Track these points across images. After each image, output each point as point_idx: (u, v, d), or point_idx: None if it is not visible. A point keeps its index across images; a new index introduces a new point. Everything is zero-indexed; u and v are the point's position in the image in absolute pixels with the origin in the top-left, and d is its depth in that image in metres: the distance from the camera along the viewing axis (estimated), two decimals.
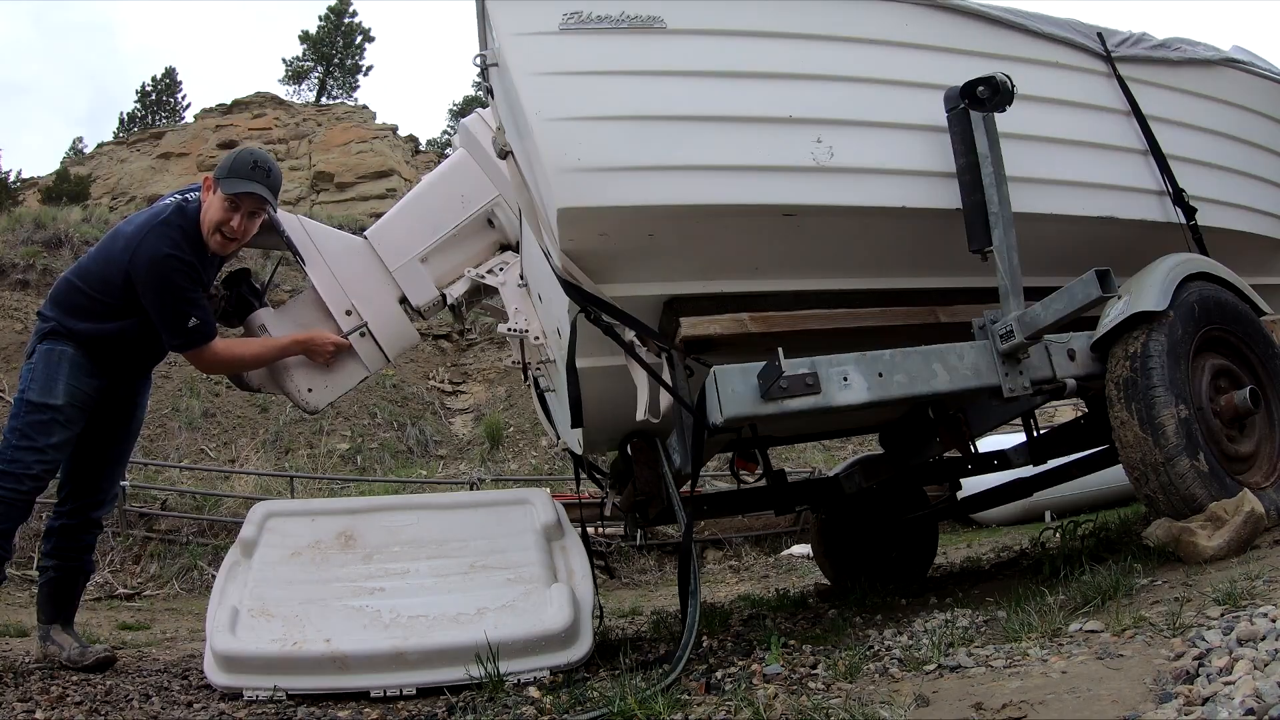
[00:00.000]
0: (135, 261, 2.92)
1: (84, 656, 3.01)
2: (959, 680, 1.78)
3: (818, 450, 10.82)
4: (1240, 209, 3.44)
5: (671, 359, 2.49)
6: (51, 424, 2.91)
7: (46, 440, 2.90)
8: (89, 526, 3.18)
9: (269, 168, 3.15)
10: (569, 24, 2.29)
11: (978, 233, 2.57)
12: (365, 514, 3.24)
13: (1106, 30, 3.19)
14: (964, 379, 2.46)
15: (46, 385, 2.93)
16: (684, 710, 1.87)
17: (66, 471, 3.12)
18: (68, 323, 2.99)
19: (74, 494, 3.15)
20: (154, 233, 2.96)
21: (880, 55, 2.65)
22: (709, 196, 2.37)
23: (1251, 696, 1.28)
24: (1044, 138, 2.87)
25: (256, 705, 2.48)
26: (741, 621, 3.72)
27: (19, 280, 12.05)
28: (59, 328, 3.00)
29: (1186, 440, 2.43)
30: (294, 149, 24.72)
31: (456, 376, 13.86)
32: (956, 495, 4.31)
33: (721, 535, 9.11)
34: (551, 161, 2.25)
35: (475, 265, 3.48)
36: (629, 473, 3.16)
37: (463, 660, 2.53)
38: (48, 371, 2.94)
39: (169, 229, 2.98)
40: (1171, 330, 2.56)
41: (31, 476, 2.87)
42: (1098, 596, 2.21)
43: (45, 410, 2.91)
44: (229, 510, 8.49)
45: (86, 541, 3.20)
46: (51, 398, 2.92)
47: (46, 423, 2.90)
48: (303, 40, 33.51)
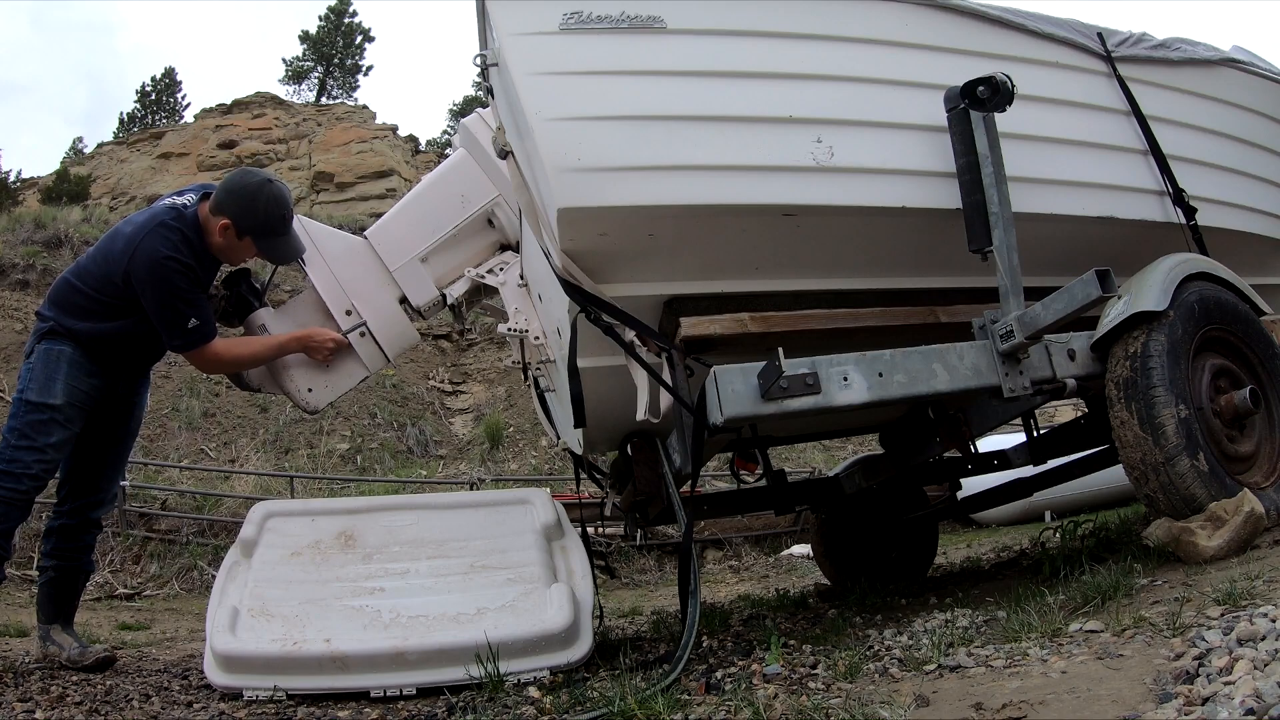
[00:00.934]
0: (135, 262, 2.91)
1: (84, 656, 3.01)
2: (959, 680, 1.78)
3: (818, 450, 10.82)
4: (1240, 209, 3.44)
5: (672, 359, 2.49)
6: (50, 424, 2.91)
7: (46, 440, 2.89)
8: (89, 526, 3.18)
9: (290, 203, 3.16)
10: (569, 24, 2.29)
11: (978, 233, 2.56)
12: (365, 514, 3.24)
13: (1106, 30, 3.19)
14: (964, 379, 2.46)
15: (45, 385, 2.93)
16: (684, 710, 1.87)
17: (66, 471, 3.12)
18: (66, 322, 2.99)
19: (73, 494, 3.15)
20: (154, 234, 2.94)
21: (880, 55, 2.65)
22: (709, 196, 2.37)
23: (1251, 696, 1.28)
24: (1044, 138, 2.87)
25: (256, 705, 2.48)
26: (741, 621, 3.72)
27: (19, 280, 12.05)
28: (58, 327, 3.00)
29: (1186, 440, 2.43)
30: (294, 149, 24.71)
31: (456, 376, 13.86)
32: (956, 495, 4.31)
33: (721, 535, 9.10)
34: (551, 161, 2.25)
35: (475, 265, 3.48)
36: (629, 473, 3.16)
37: (463, 660, 2.53)
38: (46, 371, 2.94)
39: (169, 231, 2.96)
40: (1171, 330, 2.56)
41: (31, 476, 2.86)
42: (1098, 596, 2.21)
43: (44, 410, 2.91)
44: (229, 510, 8.48)
45: (86, 541, 3.20)
46: (50, 397, 2.91)
47: (45, 422, 2.90)
48: (303, 40, 33.57)
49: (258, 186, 3.06)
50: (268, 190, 3.06)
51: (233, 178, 3.14)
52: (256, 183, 3.08)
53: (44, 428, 2.90)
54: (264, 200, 3.04)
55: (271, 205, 3.06)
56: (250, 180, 3.10)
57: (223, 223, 3.01)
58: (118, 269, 2.95)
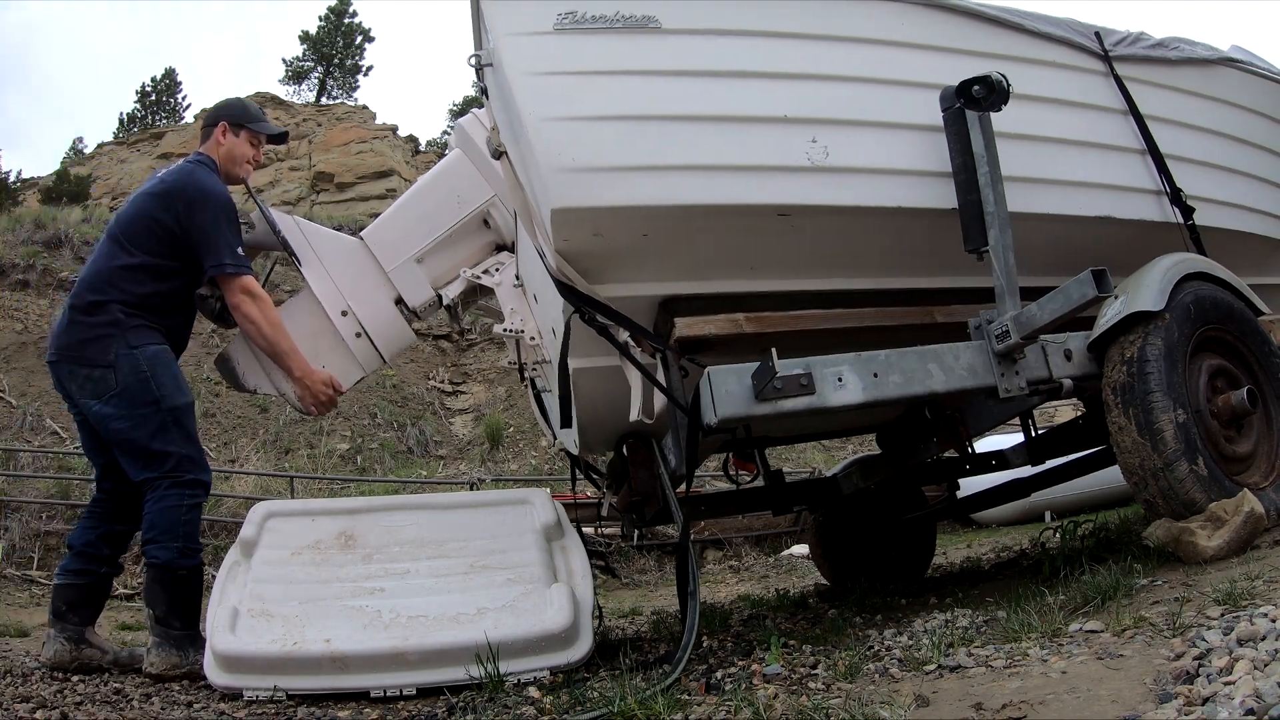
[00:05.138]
0: (188, 194, 3.01)
1: (134, 660, 2.98)
2: (959, 680, 1.78)
3: (817, 450, 10.82)
4: (1238, 209, 3.43)
5: (666, 360, 2.48)
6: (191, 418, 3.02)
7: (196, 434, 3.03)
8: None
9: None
10: (564, 24, 2.29)
11: (974, 233, 2.56)
12: (365, 514, 3.24)
13: (1104, 29, 3.18)
14: (960, 379, 2.45)
15: (176, 384, 2.98)
16: (684, 710, 1.87)
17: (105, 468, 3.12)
18: (148, 316, 2.99)
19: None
20: (195, 172, 3.10)
21: (876, 54, 2.65)
22: (704, 196, 2.37)
23: (1251, 696, 1.28)
24: (1040, 137, 2.86)
25: (256, 705, 2.47)
26: (741, 621, 3.72)
27: (19, 280, 12.07)
28: (125, 311, 2.96)
29: (1185, 444, 2.43)
30: (294, 149, 24.67)
31: (456, 377, 13.86)
32: (955, 495, 4.31)
33: (721, 535, 9.10)
34: (546, 161, 2.25)
35: (471, 265, 3.48)
36: (625, 473, 3.16)
37: (463, 660, 2.53)
38: (169, 369, 2.99)
39: (205, 170, 3.14)
40: (1168, 331, 2.55)
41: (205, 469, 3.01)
42: (1098, 596, 2.21)
43: (189, 409, 3.01)
44: (229, 510, 8.49)
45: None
46: (186, 396, 3.01)
47: (191, 419, 3.01)
48: (303, 40, 33.51)
49: (233, 97, 3.53)
50: (238, 98, 3.53)
51: (205, 113, 3.52)
52: (234, 97, 3.54)
53: (194, 422, 3.01)
54: (245, 100, 3.49)
55: (248, 101, 3.49)
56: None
57: (221, 126, 3.26)
58: (169, 212, 3.00)
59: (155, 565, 2.87)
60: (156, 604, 2.86)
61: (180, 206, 3.00)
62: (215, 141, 3.25)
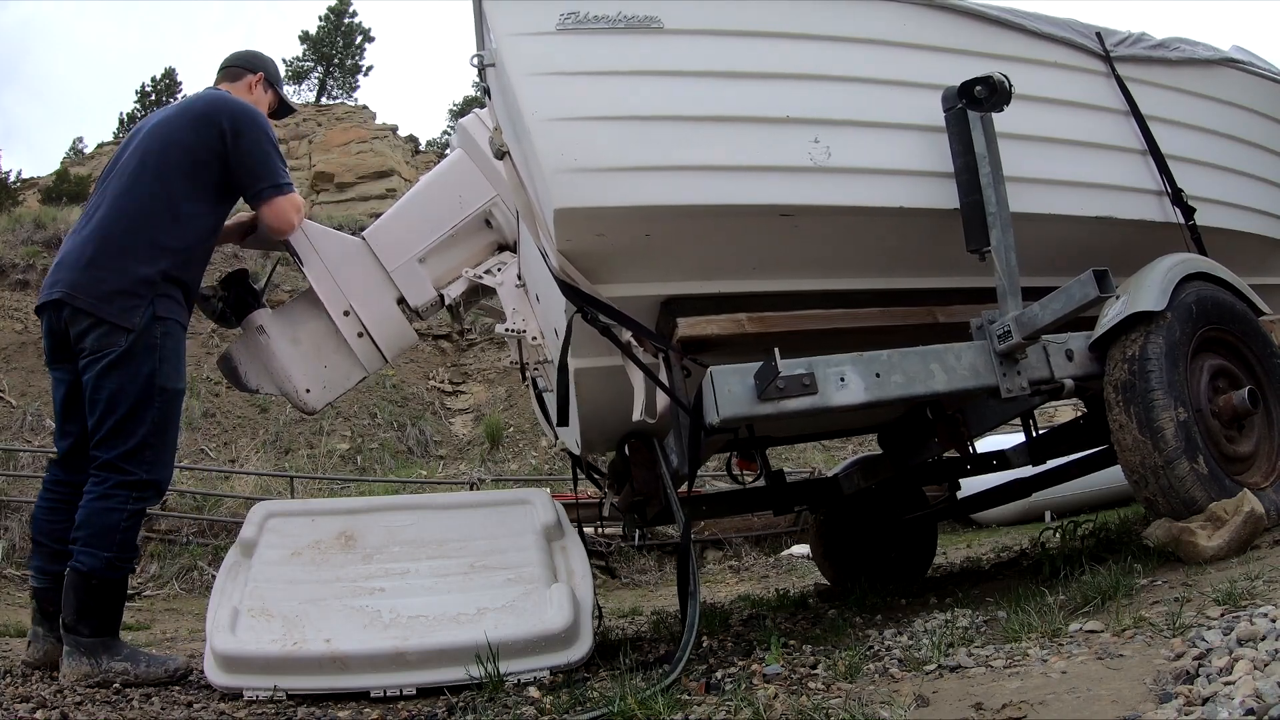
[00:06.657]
0: (234, 110, 2.92)
1: (166, 669, 2.77)
2: (959, 680, 1.78)
3: (818, 450, 10.82)
4: (1239, 209, 3.44)
5: (669, 360, 2.49)
6: (178, 410, 2.82)
7: (176, 429, 2.81)
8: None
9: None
10: (566, 24, 2.29)
11: (975, 233, 2.56)
12: (365, 514, 3.24)
13: (1105, 30, 3.18)
14: (962, 379, 2.46)
15: (177, 367, 2.79)
16: (684, 710, 1.87)
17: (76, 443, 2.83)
18: (180, 279, 2.81)
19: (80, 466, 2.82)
20: (226, 98, 3.03)
21: (878, 55, 2.65)
22: (706, 197, 2.37)
23: (1251, 696, 1.28)
24: (1042, 138, 2.86)
25: (256, 705, 2.47)
26: (741, 621, 3.72)
27: (19, 280, 12.06)
28: (173, 291, 2.79)
29: (1185, 443, 2.43)
30: (294, 149, 24.67)
31: (456, 377, 13.86)
32: (956, 495, 4.31)
33: (721, 535, 9.10)
34: (548, 162, 2.25)
35: (473, 265, 3.49)
36: (627, 473, 3.16)
37: (463, 660, 2.53)
38: (177, 352, 2.80)
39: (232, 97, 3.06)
40: (1169, 331, 2.55)
41: (169, 469, 2.80)
42: (1098, 596, 2.21)
43: (179, 397, 2.82)
44: (229, 510, 8.49)
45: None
46: (181, 383, 2.82)
47: (178, 409, 2.81)
48: (303, 40, 33.52)
49: (260, 53, 3.37)
50: (265, 55, 3.39)
51: (232, 54, 3.32)
52: (261, 53, 3.37)
53: (177, 416, 2.81)
54: (269, 58, 3.37)
55: (271, 60, 3.38)
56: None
57: (257, 76, 3.22)
58: (211, 129, 2.84)
59: (78, 571, 2.63)
60: (66, 608, 2.64)
61: (226, 123, 2.87)
62: (247, 87, 3.18)
